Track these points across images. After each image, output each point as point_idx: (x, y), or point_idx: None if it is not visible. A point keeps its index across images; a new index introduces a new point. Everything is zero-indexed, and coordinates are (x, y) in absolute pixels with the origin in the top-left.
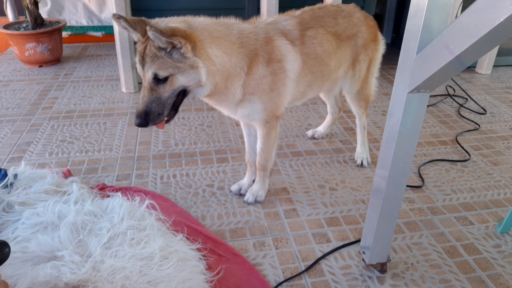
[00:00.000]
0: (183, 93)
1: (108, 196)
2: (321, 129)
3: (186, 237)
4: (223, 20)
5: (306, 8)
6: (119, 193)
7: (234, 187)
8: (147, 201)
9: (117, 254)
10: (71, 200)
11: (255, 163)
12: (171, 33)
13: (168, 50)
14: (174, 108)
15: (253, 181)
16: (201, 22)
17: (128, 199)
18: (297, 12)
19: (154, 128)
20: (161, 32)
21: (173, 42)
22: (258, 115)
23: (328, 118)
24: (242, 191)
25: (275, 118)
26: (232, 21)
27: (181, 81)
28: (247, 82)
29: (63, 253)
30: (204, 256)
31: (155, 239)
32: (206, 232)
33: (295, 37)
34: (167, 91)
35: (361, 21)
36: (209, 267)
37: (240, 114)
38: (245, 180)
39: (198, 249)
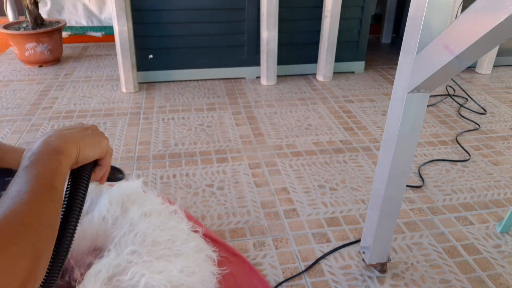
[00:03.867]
0: None
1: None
2: None
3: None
4: None
5: None
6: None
7: None
8: (177, 205)
9: (151, 223)
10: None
11: None
12: None
13: None
14: None
15: None
16: None
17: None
18: None
19: (154, 128)
20: None
21: None
22: None
23: None
24: None
25: None
26: None
27: None
28: None
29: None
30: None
31: (183, 222)
32: (206, 231)
33: None
34: None
35: None
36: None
37: None
38: None
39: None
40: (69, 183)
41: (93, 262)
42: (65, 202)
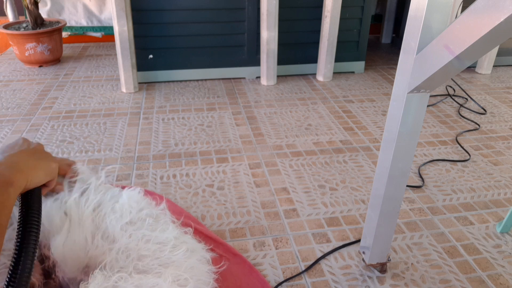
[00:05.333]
0: None
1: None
2: None
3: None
4: None
5: None
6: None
7: None
8: (163, 204)
9: (134, 236)
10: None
11: None
12: None
13: None
14: None
15: None
16: None
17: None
18: None
19: (154, 128)
20: None
21: None
22: None
23: None
24: None
25: None
26: None
27: None
28: None
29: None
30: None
31: (169, 227)
32: (206, 231)
33: None
34: None
35: None
36: (212, 263)
37: None
38: None
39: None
40: (21, 208)
41: (83, 279)
42: (19, 228)
